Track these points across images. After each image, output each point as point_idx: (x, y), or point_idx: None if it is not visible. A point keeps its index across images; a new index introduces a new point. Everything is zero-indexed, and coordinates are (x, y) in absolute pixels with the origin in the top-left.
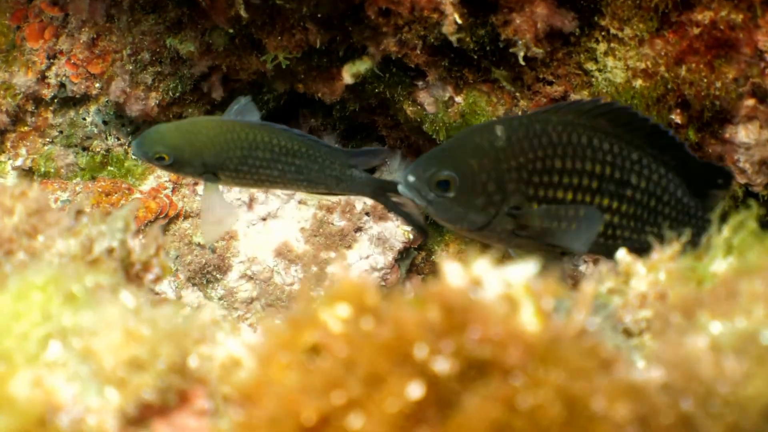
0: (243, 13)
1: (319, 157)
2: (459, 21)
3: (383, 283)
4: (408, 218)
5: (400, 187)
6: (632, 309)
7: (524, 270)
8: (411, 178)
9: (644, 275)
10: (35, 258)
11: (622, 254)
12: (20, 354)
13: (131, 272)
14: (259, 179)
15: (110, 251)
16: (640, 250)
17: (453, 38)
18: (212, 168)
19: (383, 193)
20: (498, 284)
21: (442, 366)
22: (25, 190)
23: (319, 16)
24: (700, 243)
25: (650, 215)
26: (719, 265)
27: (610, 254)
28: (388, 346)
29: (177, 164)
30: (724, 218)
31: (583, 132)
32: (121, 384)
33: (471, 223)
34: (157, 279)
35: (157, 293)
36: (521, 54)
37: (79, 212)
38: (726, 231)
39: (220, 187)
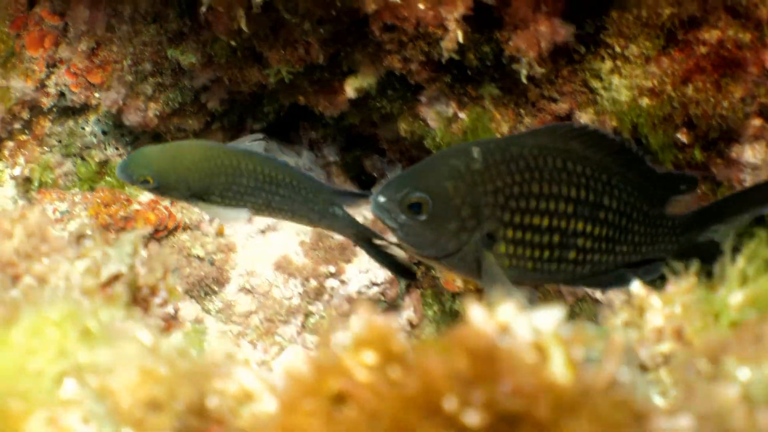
0: (244, 26)
1: (303, 189)
2: (460, 39)
3: (382, 298)
4: (392, 266)
5: (371, 207)
6: (648, 343)
7: (552, 316)
8: (381, 199)
9: (660, 308)
10: (42, 282)
11: (636, 287)
12: (35, 392)
13: (138, 296)
14: (244, 206)
15: (118, 276)
16: (608, 270)
17: (451, 55)
18: (198, 193)
19: (364, 238)
20: (526, 331)
21: (473, 419)
22: (24, 212)
23: (322, 30)
24: (667, 251)
25: (621, 234)
26: (735, 297)
27: (577, 281)
28: (416, 397)
29: (162, 188)
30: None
31: (557, 156)
32: (138, 425)
33: (441, 249)
34: (164, 303)
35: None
36: (524, 72)
37: (81, 237)
38: (740, 261)
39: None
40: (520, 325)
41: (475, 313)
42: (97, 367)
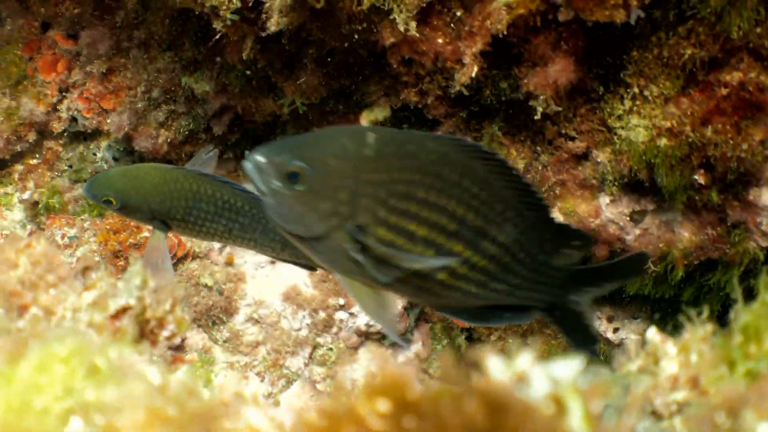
0: (246, 55)
1: (263, 218)
2: (474, 74)
3: None
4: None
5: (245, 164)
6: (663, 391)
7: (571, 366)
8: (260, 159)
9: (675, 356)
10: (48, 314)
11: (651, 333)
12: (40, 429)
13: (146, 329)
14: (207, 232)
15: (125, 309)
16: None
17: (461, 89)
18: (160, 215)
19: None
20: (544, 382)
21: None
22: (30, 241)
23: (337, 62)
24: (541, 301)
25: (501, 271)
26: (751, 346)
27: (443, 306)
28: None
29: (125, 209)
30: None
31: (455, 169)
32: None
33: (306, 229)
34: (173, 336)
35: (173, 348)
36: (539, 110)
37: (87, 268)
38: (756, 309)
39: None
40: (537, 375)
41: (493, 362)
42: (105, 406)
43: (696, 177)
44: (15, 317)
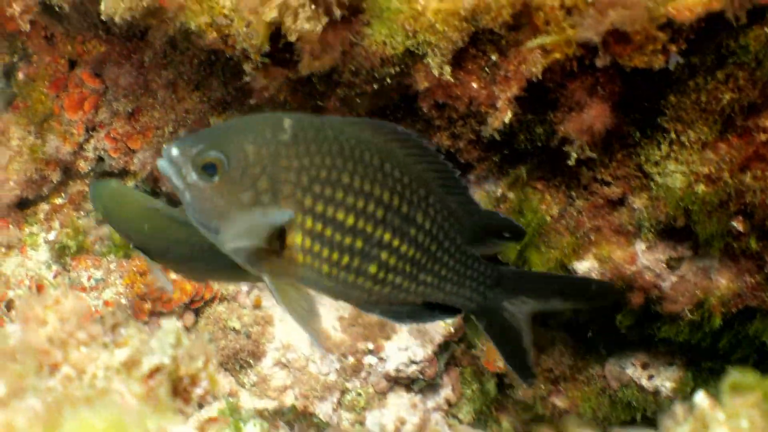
0: (276, 96)
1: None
2: (508, 120)
3: (421, 376)
4: None
5: (159, 161)
6: None
7: None
8: (174, 152)
9: (724, 422)
10: (80, 373)
11: (700, 397)
12: None
13: (179, 387)
14: (188, 270)
15: (159, 368)
16: (406, 301)
17: (494, 134)
18: (140, 246)
19: None
20: None
21: None
22: (58, 297)
23: (369, 104)
24: (470, 301)
25: (428, 261)
26: None
27: (372, 304)
28: None
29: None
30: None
31: (375, 153)
32: None
33: (227, 224)
34: (206, 393)
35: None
36: (574, 155)
37: (116, 324)
38: None
39: None
40: None
41: None
42: None
43: (734, 224)
44: (46, 376)
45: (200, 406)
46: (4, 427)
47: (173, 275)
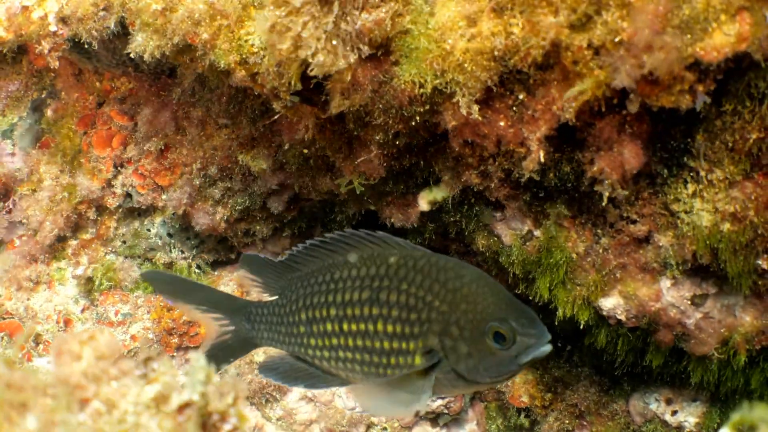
0: (306, 136)
1: None
2: (542, 159)
3: (446, 411)
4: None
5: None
6: None
7: None
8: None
9: None
10: (111, 407)
11: None
12: None
13: (208, 423)
14: None
15: (189, 404)
16: None
17: (532, 174)
18: None
19: None
20: None
21: None
22: (93, 334)
23: (398, 143)
24: None
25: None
26: None
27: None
28: None
29: None
30: None
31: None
32: None
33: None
34: (235, 429)
35: None
36: (606, 194)
37: (148, 359)
38: None
39: None
40: None
41: None
42: None
43: (760, 262)
44: (76, 410)
45: None
46: None
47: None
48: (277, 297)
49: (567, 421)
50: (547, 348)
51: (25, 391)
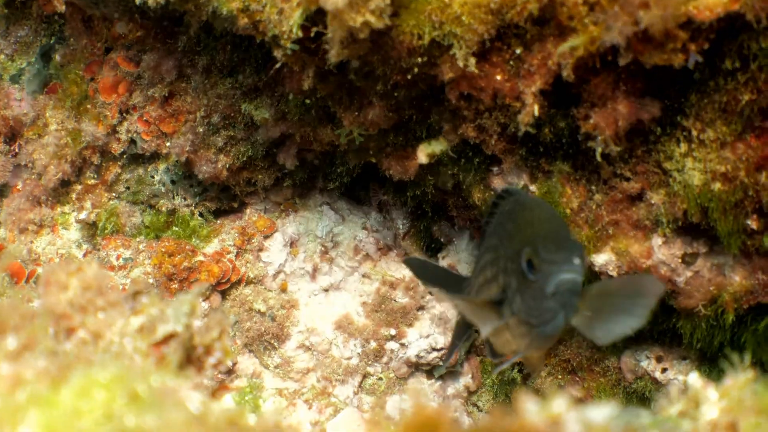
0: (306, 85)
1: None
2: (537, 113)
3: (441, 363)
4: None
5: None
6: None
7: (604, 411)
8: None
9: (715, 401)
10: (97, 337)
11: (693, 378)
12: None
13: (193, 355)
14: None
15: (173, 335)
16: None
17: (527, 128)
18: None
19: None
20: (577, 426)
21: None
22: (81, 266)
23: (397, 95)
24: None
25: None
26: None
27: None
28: None
29: None
30: None
31: None
32: None
33: None
34: (219, 363)
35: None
36: (599, 150)
37: (137, 293)
38: None
39: None
40: (572, 419)
41: (529, 405)
42: None
43: (749, 222)
44: (62, 339)
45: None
46: (11, 378)
47: (200, 257)
48: None
49: (560, 377)
50: (569, 276)
51: (12, 317)
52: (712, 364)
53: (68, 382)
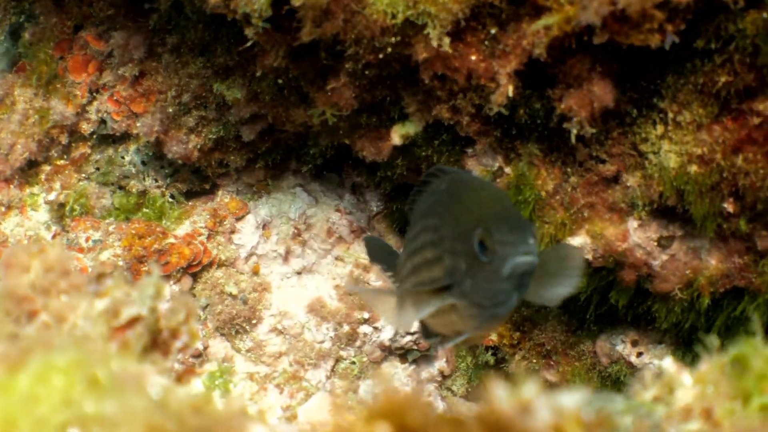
0: (278, 64)
1: None
2: (511, 94)
3: (415, 347)
4: None
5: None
6: (676, 421)
7: (575, 397)
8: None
9: (690, 387)
10: (60, 321)
11: (668, 362)
12: None
13: (159, 339)
14: None
15: (138, 318)
16: None
17: (501, 109)
18: None
19: None
20: (547, 412)
21: None
22: (44, 246)
23: (369, 74)
24: None
25: None
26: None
27: None
28: None
29: None
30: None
31: None
32: None
33: None
34: (186, 347)
35: (195, 356)
36: (574, 132)
37: (101, 275)
38: None
39: None
40: (542, 405)
41: (498, 391)
42: (103, 420)
43: (725, 205)
44: (24, 323)
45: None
46: None
47: (171, 240)
48: None
49: (534, 360)
50: (526, 259)
51: None
52: (687, 348)
53: (26, 368)
